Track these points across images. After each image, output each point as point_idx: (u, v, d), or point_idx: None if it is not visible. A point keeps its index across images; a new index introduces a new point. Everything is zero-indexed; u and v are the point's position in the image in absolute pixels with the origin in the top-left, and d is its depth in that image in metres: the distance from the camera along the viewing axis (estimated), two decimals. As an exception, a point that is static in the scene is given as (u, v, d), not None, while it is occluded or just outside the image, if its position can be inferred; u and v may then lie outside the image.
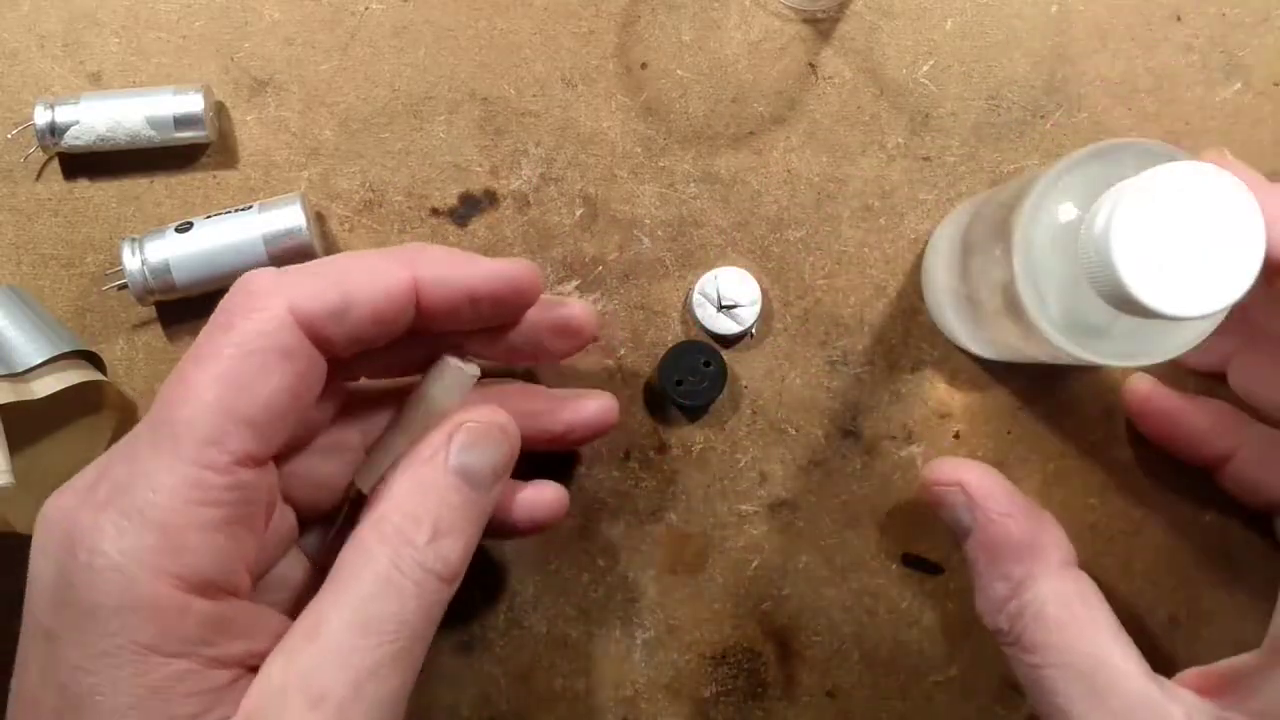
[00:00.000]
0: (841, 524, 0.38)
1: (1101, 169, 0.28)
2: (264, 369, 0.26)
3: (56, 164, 0.39)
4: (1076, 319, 0.28)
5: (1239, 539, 0.37)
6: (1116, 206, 0.25)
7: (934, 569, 0.38)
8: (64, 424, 0.37)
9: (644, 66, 0.39)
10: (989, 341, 0.34)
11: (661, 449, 0.38)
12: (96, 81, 0.39)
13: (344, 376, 0.31)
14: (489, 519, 0.30)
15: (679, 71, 0.39)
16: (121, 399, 0.38)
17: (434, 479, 0.28)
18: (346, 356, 0.29)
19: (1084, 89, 0.38)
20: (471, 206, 0.39)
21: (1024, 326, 0.29)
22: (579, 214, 0.39)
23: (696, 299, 0.38)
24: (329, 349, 0.28)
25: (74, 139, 0.37)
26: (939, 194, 0.38)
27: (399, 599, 0.26)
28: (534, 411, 0.34)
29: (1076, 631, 0.30)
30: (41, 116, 0.37)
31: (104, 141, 0.37)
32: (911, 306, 0.38)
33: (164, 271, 0.36)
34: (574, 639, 0.38)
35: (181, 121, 0.37)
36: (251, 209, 0.37)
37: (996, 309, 0.31)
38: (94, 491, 0.25)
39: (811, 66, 0.39)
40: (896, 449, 0.38)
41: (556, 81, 0.39)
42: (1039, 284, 0.28)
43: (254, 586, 0.27)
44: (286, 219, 0.36)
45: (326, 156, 0.39)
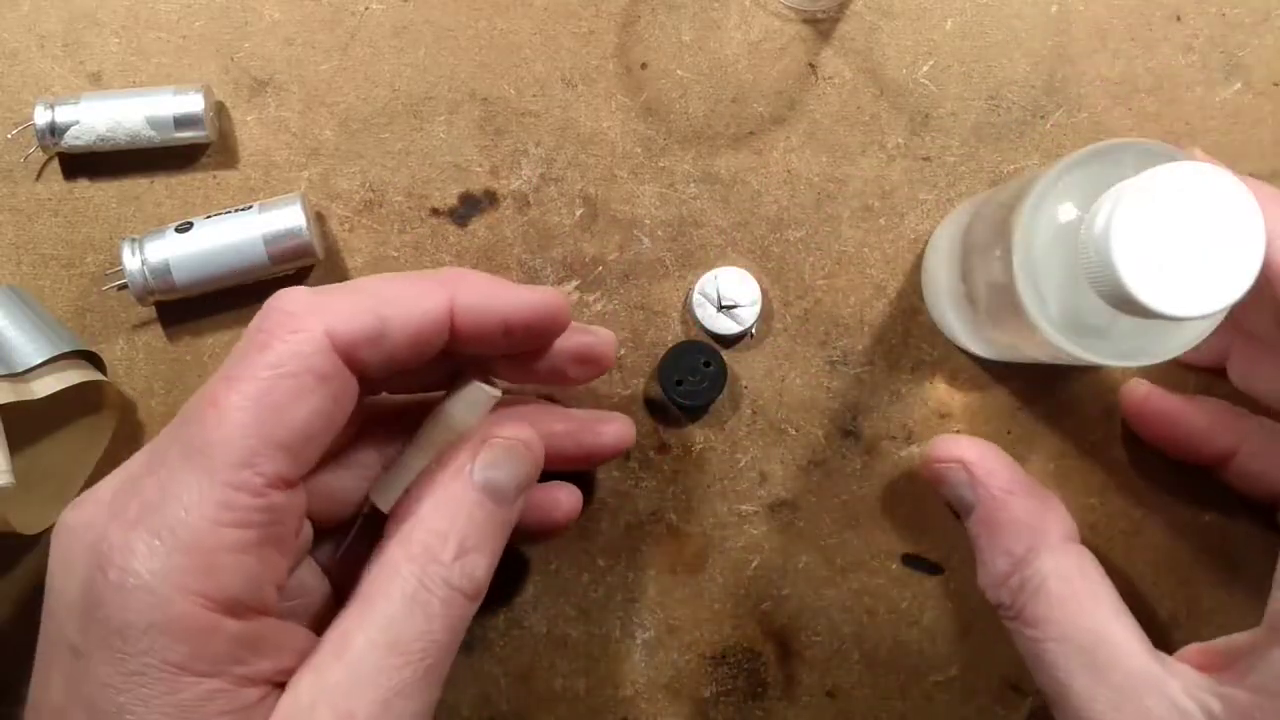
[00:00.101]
0: (841, 524, 0.38)
1: (1101, 169, 0.28)
2: (300, 392, 0.26)
3: (56, 164, 0.39)
4: (1076, 319, 0.28)
5: (1239, 539, 0.37)
6: (1116, 206, 0.25)
7: (934, 569, 0.38)
8: (64, 424, 0.37)
9: (644, 66, 0.39)
10: (989, 341, 0.34)
11: (661, 449, 0.38)
12: (96, 81, 0.39)
13: (366, 393, 0.31)
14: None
15: (679, 71, 0.39)
16: (121, 399, 0.38)
17: (460, 495, 0.28)
18: (377, 378, 0.29)
19: (1084, 89, 0.38)
20: (471, 206, 0.39)
21: (1024, 326, 0.29)
22: (579, 214, 0.39)
23: (696, 299, 0.38)
24: (362, 371, 0.28)
25: (74, 139, 0.37)
26: (939, 194, 0.38)
27: (426, 617, 0.26)
28: (551, 433, 0.34)
29: (1077, 606, 0.30)
30: (41, 116, 0.37)
31: (104, 141, 0.37)
32: (911, 306, 0.38)
33: (164, 271, 0.36)
34: (574, 639, 0.38)
35: (181, 121, 0.37)
36: (251, 209, 0.37)
37: (996, 309, 0.31)
38: (123, 508, 0.25)
39: (811, 66, 0.39)
40: (896, 449, 0.38)
41: (556, 81, 0.39)
42: (1039, 284, 0.28)
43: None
44: (286, 219, 0.36)
45: (326, 156, 0.39)
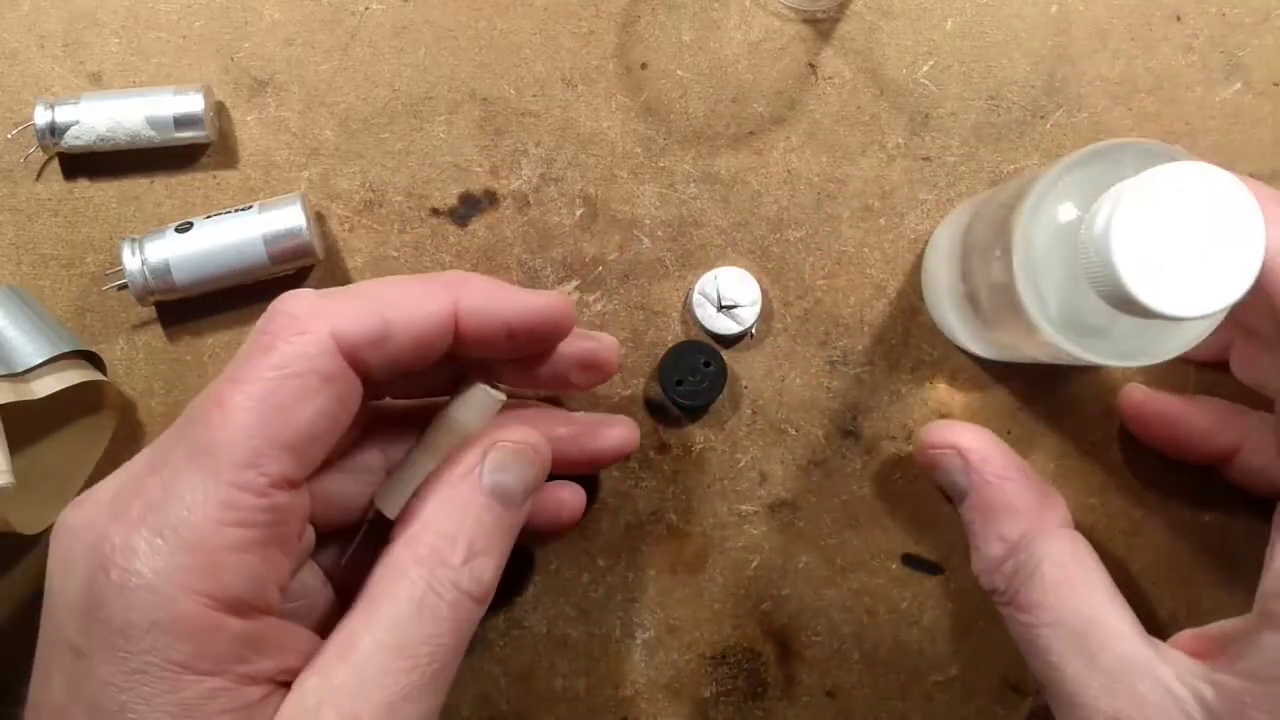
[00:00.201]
0: (841, 524, 0.38)
1: (1101, 169, 0.28)
2: (304, 393, 0.26)
3: (56, 164, 0.39)
4: (1076, 319, 0.28)
5: (1239, 539, 0.37)
6: (1116, 206, 0.25)
7: (934, 569, 0.38)
8: (64, 424, 0.37)
9: (644, 66, 0.39)
10: (989, 341, 0.34)
11: (661, 449, 0.38)
12: (96, 81, 0.39)
13: (370, 397, 0.31)
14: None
15: (679, 71, 0.39)
16: (121, 399, 0.38)
17: (468, 498, 0.28)
18: (381, 381, 0.29)
19: (1084, 89, 0.38)
20: (471, 206, 0.39)
21: (1024, 326, 0.29)
22: (579, 214, 0.39)
23: (696, 299, 0.38)
24: (366, 373, 0.28)
25: (74, 139, 0.37)
26: (939, 194, 0.38)
27: (434, 620, 0.26)
28: (555, 436, 0.33)
29: (1071, 591, 0.30)
30: (41, 116, 0.37)
31: (104, 141, 0.37)
32: (911, 306, 0.38)
33: (164, 271, 0.36)
34: (574, 639, 0.38)
35: (181, 121, 0.37)
36: (251, 209, 0.37)
37: (996, 309, 0.31)
38: (124, 508, 0.25)
39: (811, 66, 0.39)
40: (896, 449, 0.38)
41: (556, 81, 0.39)
42: (1039, 284, 0.28)
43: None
44: (286, 219, 0.36)
45: (326, 156, 0.39)
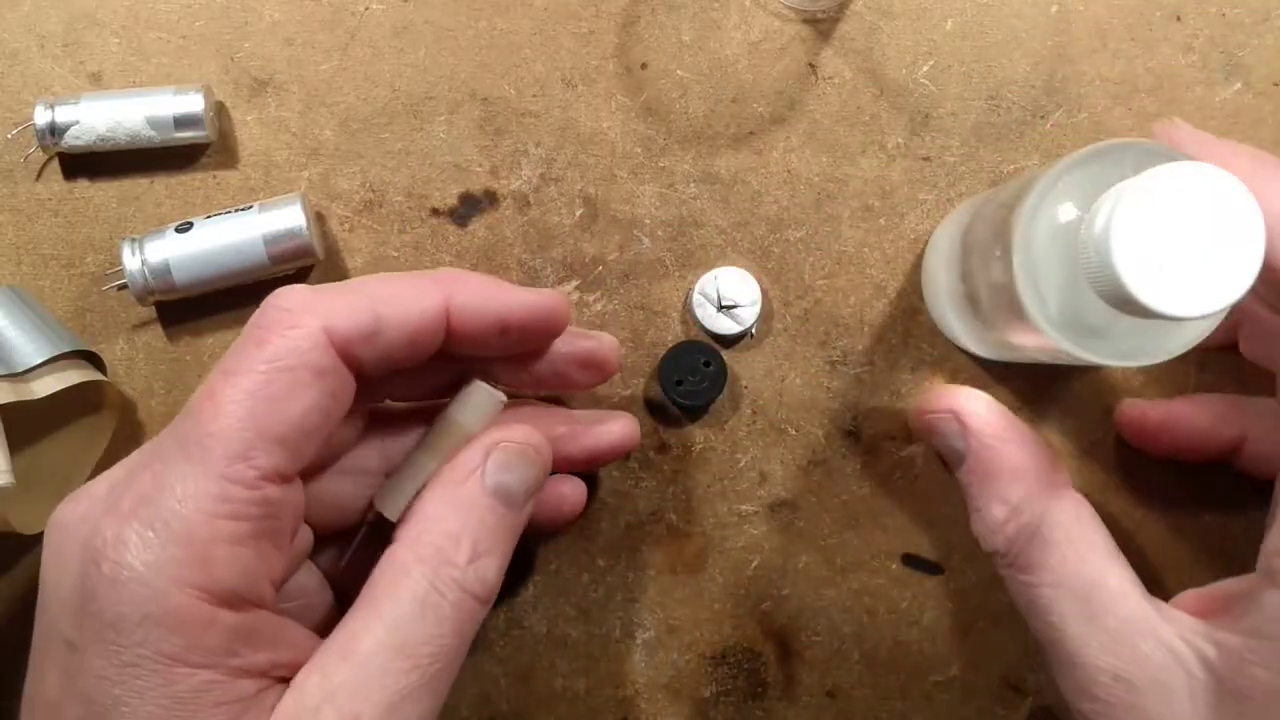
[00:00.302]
0: (841, 524, 0.38)
1: (1101, 169, 0.28)
2: (296, 386, 0.26)
3: (56, 164, 0.39)
4: (1076, 319, 0.28)
5: (1239, 539, 0.37)
6: (1116, 206, 0.25)
7: (934, 569, 0.38)
8: (64, 424, 0.37)
9: (644, 66, 0.39)
10: (989, 341, 0.34)
11: (661, 449, 0.38)
12: (96, 81, 0.39)
13: (367, 399, 0.31)
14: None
15: (679, 71, 0.39)
16: (121, 399, 0.38)
17: (471, 498, 0.28)
18: (374, 377, 0.29)
19: (1084, 89, 0.38)
20: (471, 206, 0.39)
21: (1024, 327, 0.29)
22: (579, 214, 0.39)
23: (696, 299, 0.38)
24: (359, 369, 0.28)
25: (74, 139, 0.37)
26: (939, 194, 0.38)
27: (436, 620, 0.26)
28: (555, 435, 0.33)
29: (1073, 552, 0.30)
30: (41, 116, 0.37)
31: (104, 141, 0.37)
32: (911, 306, 0.38)
33: (164, 271, 0.36)
34: (574, 639, 0.38)
35: (181, 121, 0.37)
36: (251, 209, 0.37)
37: (996, 309, 0.31)
38: (117, 501, 0.25)
39: (811, 66, 0.39)
40: (896, 449, 0.38)
41: (556, 81, 0.39)
42: (1039, 284, 0.28)
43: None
44: (286, 219, 0.36)
45: (326, 156, 0.39)
